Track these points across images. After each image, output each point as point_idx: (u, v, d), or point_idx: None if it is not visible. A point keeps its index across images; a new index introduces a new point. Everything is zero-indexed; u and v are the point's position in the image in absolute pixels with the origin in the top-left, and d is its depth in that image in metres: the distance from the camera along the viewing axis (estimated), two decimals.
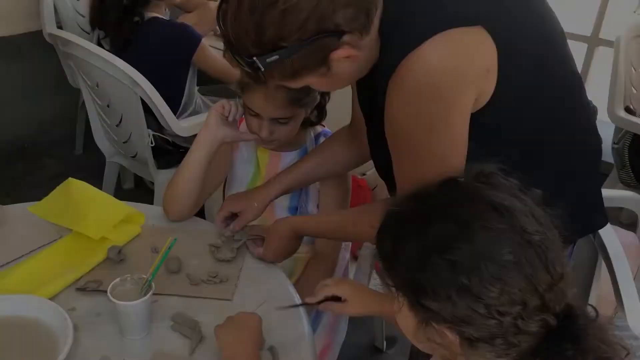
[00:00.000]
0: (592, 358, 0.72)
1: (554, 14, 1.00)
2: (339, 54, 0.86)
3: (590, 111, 1.07)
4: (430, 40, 0.83)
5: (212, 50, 2.24)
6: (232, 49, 0.89)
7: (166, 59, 2.21)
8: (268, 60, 0.86)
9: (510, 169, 0.83)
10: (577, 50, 3.02)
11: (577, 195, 1.04)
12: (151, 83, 2.04)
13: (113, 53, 2.30)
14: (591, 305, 0.78)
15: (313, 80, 0.93)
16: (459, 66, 0.86)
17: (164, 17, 2.29)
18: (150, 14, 2.23)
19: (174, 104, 2.29)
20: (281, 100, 1.27)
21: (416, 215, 0.76)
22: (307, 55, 0.85)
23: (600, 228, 1.18)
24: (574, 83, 1.01)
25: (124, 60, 2.19)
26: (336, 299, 1.10)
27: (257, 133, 1.34)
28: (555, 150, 1.00)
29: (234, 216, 1.33)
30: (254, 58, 0.86)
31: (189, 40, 2.21)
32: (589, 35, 2.96)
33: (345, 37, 0.85)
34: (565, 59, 1.00)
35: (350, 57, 0.88)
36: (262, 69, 0.87)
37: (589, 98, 1.08)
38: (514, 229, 0.72)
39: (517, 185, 0.78)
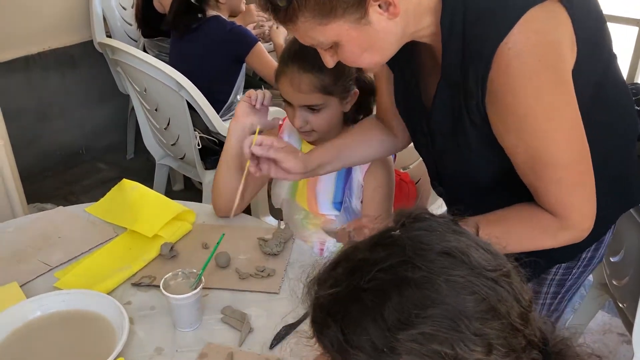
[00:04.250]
0: None
1: None
2: None
3: (627, 89, 1.06)
4: (518, 24, 0.84)
5: (267, 53, 2.33)
6: None
7: (222, 56, 2.31)
8: None
9: None
10: (627, 34, 2.92)
11: (616, 173, 1.05)
12: (205, 77, 2.14)
13: (172, 41, 2.44)
14: (545, 318, 0.68)
15: (344, 30, 0.88)
16: (554, 35, 0.87)
17: (226, 18, 2.39)
18: (213, 12, 2.33)
19: (222, 100, 2.37)
20: (307, 85, 1.29)
21: (361, 293, 0.60)
22: None
23: (638, 203, 1.17)
24: (614, 61, 1.02)
25: (182, 51, 2.29)
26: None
27: (292, 122, 1.36)
28: (597, 129, 1.00)
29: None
30: None
31: (246, 40, 2.30)
32: (639, 18, 2.86)
33: None
34: (608, 36, 1.00)
35: (389, 9, 0.86)
36: None
37: None
38: (475, 271, 0.61)
39: (451, 220, 0.67)
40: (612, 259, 1.56)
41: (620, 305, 1.58)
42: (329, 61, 0.97)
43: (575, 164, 0.93)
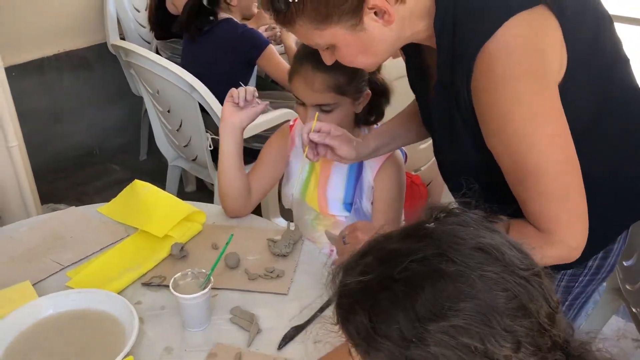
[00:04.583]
0: None
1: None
2: (373, 1, 0.88)
3: (638, 93, 1.04)
4: (502, 27, 0.84)
5: (278, 55, 2.34)
6: None
7: (234, 58, 2.33)
8: None
9: None
10: (637, 34, 2.90)
11: (629, 179, 1.03)
12: (216, 79, 2.14)
13: (184, 43, 2.45)
14: (567, 321, 0.68)
15: (340, 34, 0.92)
16: (538, 42, 0.86)
17: (237, 21, 2.40)
18: (225, 15, 2.35)
19: None
20: (321, 84, 1.29)
21: (393, 283, 0.61)
22: None
23: None
24: (624, 65, 1.00)
25: (194, 53, 2.31)
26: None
27: (304, 123, 1.37)
28: (606, 134, 0.99)
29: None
30: None
31: (257, 42, 2.32)
32: None
33: None
34: (615, 41, 0.98)
35: (384, 17, 0.89)
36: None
37: None
38: (508, 268, 0.61)
39: (484, 217, 0.68)
40: (625, 263, 1.54)
41: (634, 310, 1.56)
42: (328, 60, 1.03)
43: (558, 174, 0.91)
